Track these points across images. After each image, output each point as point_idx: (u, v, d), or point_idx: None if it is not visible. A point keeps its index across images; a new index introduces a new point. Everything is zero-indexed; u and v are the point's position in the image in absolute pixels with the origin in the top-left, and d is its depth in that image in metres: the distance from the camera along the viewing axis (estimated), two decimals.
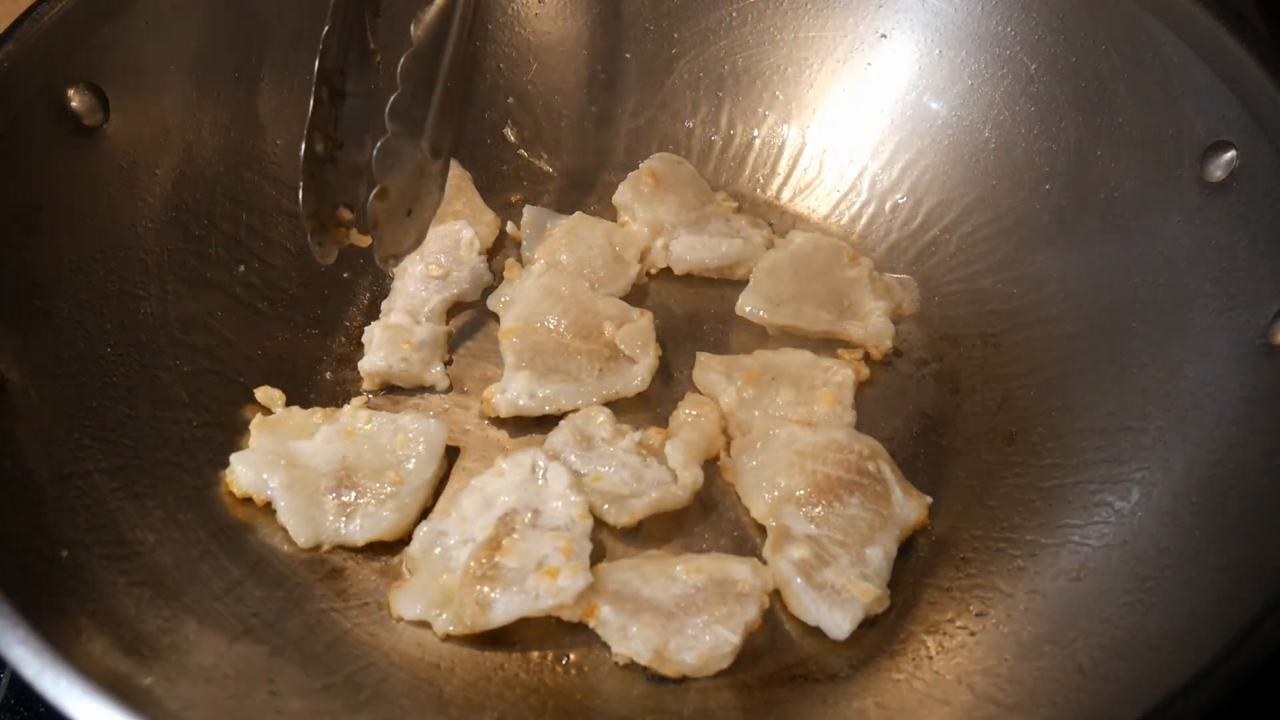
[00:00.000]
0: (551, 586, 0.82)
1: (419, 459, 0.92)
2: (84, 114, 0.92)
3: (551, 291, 1.01)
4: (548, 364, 0.98)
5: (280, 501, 0.89)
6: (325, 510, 0.89)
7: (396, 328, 1.00)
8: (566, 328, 0.99)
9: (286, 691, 0.77)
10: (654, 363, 0.99)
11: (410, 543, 0.89)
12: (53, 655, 0.66)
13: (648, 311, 1.02)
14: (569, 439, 0.94)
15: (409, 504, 0.90)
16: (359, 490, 0.90)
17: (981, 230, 1.07)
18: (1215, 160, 0.90)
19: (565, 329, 0.99)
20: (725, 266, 1.07)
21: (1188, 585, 0.77)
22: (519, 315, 1.00)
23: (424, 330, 1.01)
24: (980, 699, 0.78)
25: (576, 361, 0.98)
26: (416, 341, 1.00)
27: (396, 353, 0.99)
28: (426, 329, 1.01)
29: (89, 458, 0.85)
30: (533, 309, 1.00)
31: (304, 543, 0.89)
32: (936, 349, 1.04)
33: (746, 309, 1.04)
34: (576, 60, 1.18)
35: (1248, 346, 0.84)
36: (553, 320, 1.00)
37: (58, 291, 0.89)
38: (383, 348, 0.99)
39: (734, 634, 0.82)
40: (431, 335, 1.01)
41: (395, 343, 0.99)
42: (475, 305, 1.06)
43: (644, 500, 0.90)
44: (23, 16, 0.89)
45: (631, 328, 1.00)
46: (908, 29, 1.11)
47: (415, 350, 0.99)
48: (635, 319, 1.01)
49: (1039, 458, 0.93)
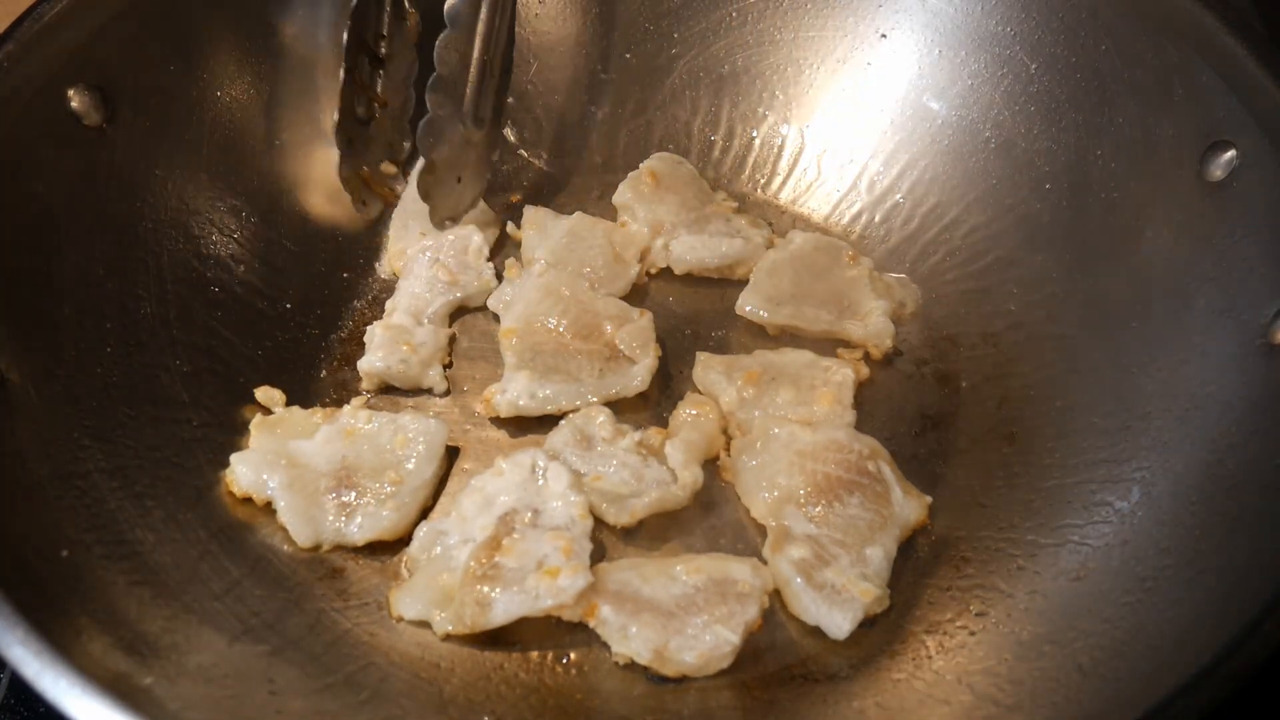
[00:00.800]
0: (552, 586, 0.82)
1: (419, 459, 0.92)
2: (84, 114, 0.92)
3: (551, 291, 1.01)
4: (548, 364, 0.98)
5: (280, 501, 0.89)
6: (325, 510, 0.89)
7: (398, 328, 1.00)
8: (567, 328, 0.99)
9: (286, 691, 0.77)
10: (654, 363, 0.99)
11: (410, 543, 0.89)
12: (53, 655, 0.66)
13: (648, 312, 1.02)
14: (569, 439, 0.94)
15: (409, 504, 0.90)
16: (359, 490, 0.90)
17: (981, 230, 1.07)
18: (1215, 160, 0.90)
19: (565, 329, 0.99)
20: (725, 266, 1.07)
21: (1188, 585, 0.77)
22: (519, 315, 1.00)
23: (425, 332, 1.01)
24: (980, 699, 0.78)
25: (576, 361, 0.98)
26: (417, 343, 1.00)
27: (396, 354, 0.99)
28: (428, 331, 1.01)
29: (89, 458, 0.85)
30: (533, 309, 1.00)
31: (304, 543, 0.89)
32: (936, 349, 1.04)
33: (746, 308, 1.04)
34: (576, 60, 1.18)
35: (1248, 346, 0.84)
36: (553, 320, 1.00)
37: (58, 291, 0.89)
38: (382, 348, 0.99)
39: (734, 634, 0.82)
40: (433, 337, 1.01)
41: (395, 343, 0.99)
42: (481, 309, 1.06)
43: (644, 500, 0.90)
44: (23, 16, 0.89)
45: (632, 328, 1.00)
46: (908, 29, 1.11)
47: (415, 352, 0.99)
48: (635, 319, 1.01)
49: (1039, 458, 0.93)
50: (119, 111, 0.94)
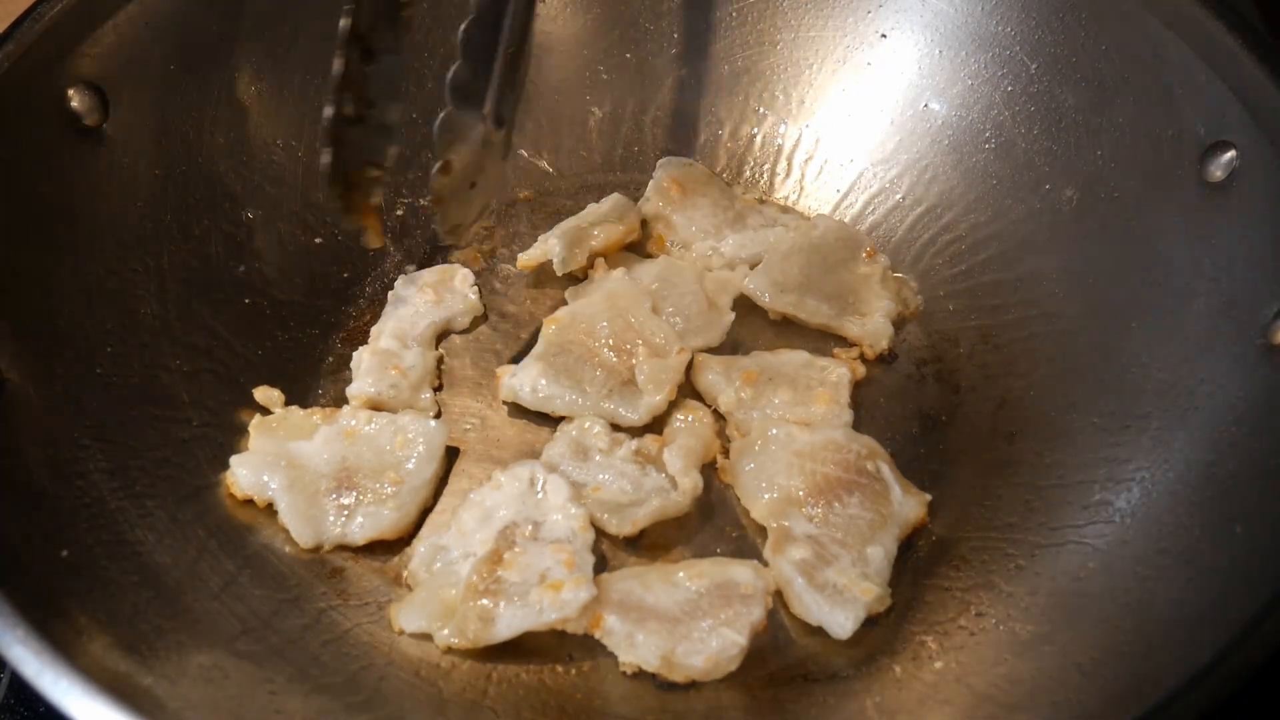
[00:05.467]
0: (556, 600, 0.82)
1: (419, 459, 0.92)
2: (84, 114, 0.92)
3: (612, 299, 1.00)
4: (565, 365, 0.97)
5: (281, 502, 0.89)
6: (326, 511, 0.89)
7: (385, 353, 0.99)
8: (606, 338, 0.98)
9: (286, 691, 0.77)
10: (661, 404, 0.96)
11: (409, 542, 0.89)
12: (53, 655, 0.66)
13: (689, 353, 0.98)
14: (566, 450, 0.93)
15: (409, 503, 0.90)
16: (359, 490, 0.90)
17: (982, 230, 1.06)
18: (1215, 160, 0.90)
19: (604, 339, 0.98)
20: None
21: (1188, 585, 0.77)
22: (571, 309, 1.01)
23: (413, 355, 1.00)
24: (980, 699, 0.78)
25: (592, 373, 0.97)
26: (406, 366, 0.99)
27: (385, 379, 0.97)
28: (416, 354, 1.00)
29: (89, 458, 0.85)
30: (586, 308, 1.00)
31: (306, 543, 0.88)
32: (936, 349, 1.04)
33: (751, 286, 1.04)
34: (576, 60, 1.18)
35: (1248, 346, 0.84)
36: (598, 325, 0.99)
37: (58, 291, 0.89)
38: (371, 373, 0.98)
39: (740, 636, 0.82)
40: (421, 360, 1.00)
41: (384, 368, 0.98)
42: (465, 332, 1.05)
43: (645, 509, 0.89)
44: (23, 16, 0.89)
45: (656, 364, 0.97)
46: (908, 29, 1.11)
47: (405, 376, 0.98)
48: (670, 355, 0.98)
49: (1039, 457, 0.93)
50: (119, 111, 0.94)
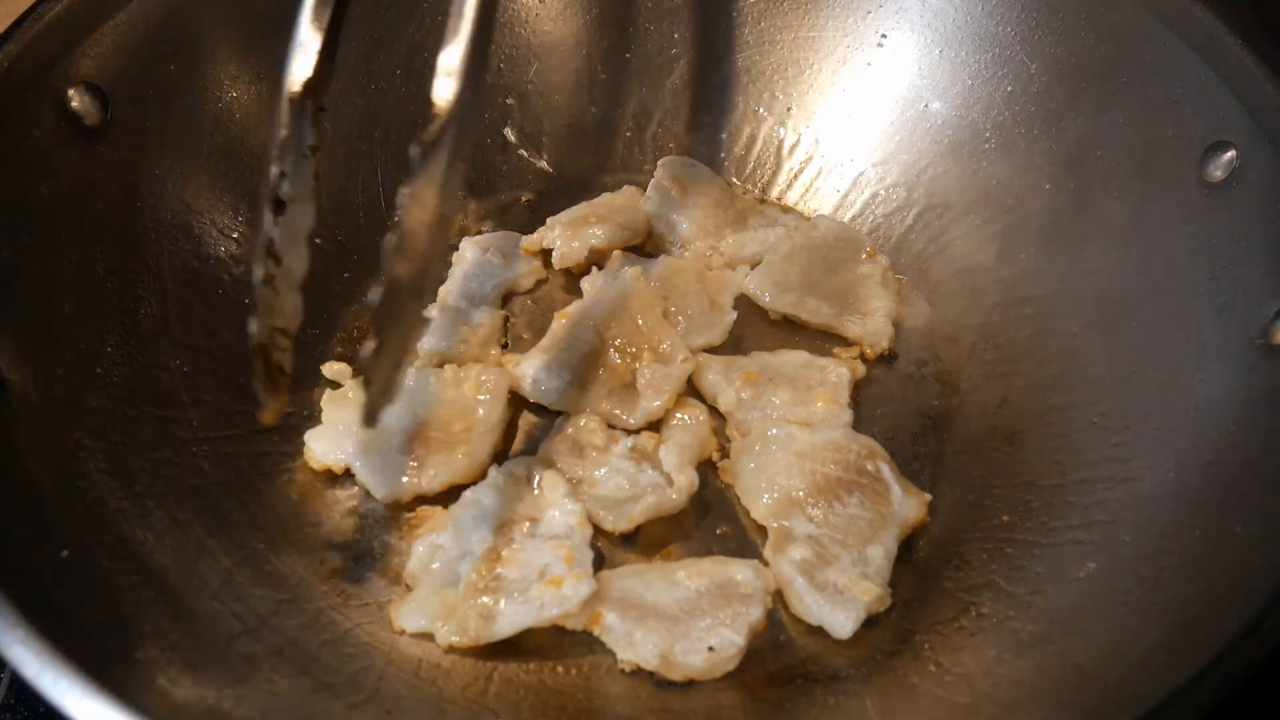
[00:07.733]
0: (556, 595, 0.82)
1: (486, 405, 0.95)
2: (84, 114, 0.92)
3: (626, 299, 1.01)
4: (570, 360, 0.97)
5: (357, 464, 0.92)
6: (400, 466, 0.92)
7: (455, 310, 1.03)
8: (614, 337, 0.99)
9: (286, 691, 0.77)
10: (659, 411, 0.96)
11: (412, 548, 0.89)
12: (53, 655, 0.66)
13: (693, 362, 0.98)
14: (561, 447, 0.94)
15: (479, 447, 0.93)
16: (430, 442, 0.93)
17: (981, 230, 1.06)
18: (1215, 160, 0.90)
19: (612, 338, 0.99)
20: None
21: (1188, 585, 0.77)
22: (584, 304, 1.01)
23: (482, 313, 1.03)
24: (980, 699, 0.78)
25: (595, 373, 0.97)
26: (474, 324, 1.02)
27: (455, 334, 1.01)
28: (484, 312, 1.03)
29: (89, 458, 0.85)
30: (598, 306, 1.00)
31: (384, 498, 0.92)
32: (936, 349, 1.04)
33: (751, 286, 1.04)
34: (576, 60, 1.18)
35: (1248, 346, 0.84)
36: (605, 323, 0.99)
37: (58, 291, 0.89)
38: (441, 329, 1.01)
39: (739, 635, 0.82)
40: (490, 318, 1.03)
41: (454, 325, 1.02)
42: (529, 293, 1.08)
43: (641, 505, 0.89)
44: (23, 16, 0.89)
45: (660, 371, 0.97)
46: (908, 29, 1.11)
47: (474, 332, 1.02)
48: (675, 362, 0.97)
49: (1039, 457, 0.93)
50: (119, 111, 0.94)
